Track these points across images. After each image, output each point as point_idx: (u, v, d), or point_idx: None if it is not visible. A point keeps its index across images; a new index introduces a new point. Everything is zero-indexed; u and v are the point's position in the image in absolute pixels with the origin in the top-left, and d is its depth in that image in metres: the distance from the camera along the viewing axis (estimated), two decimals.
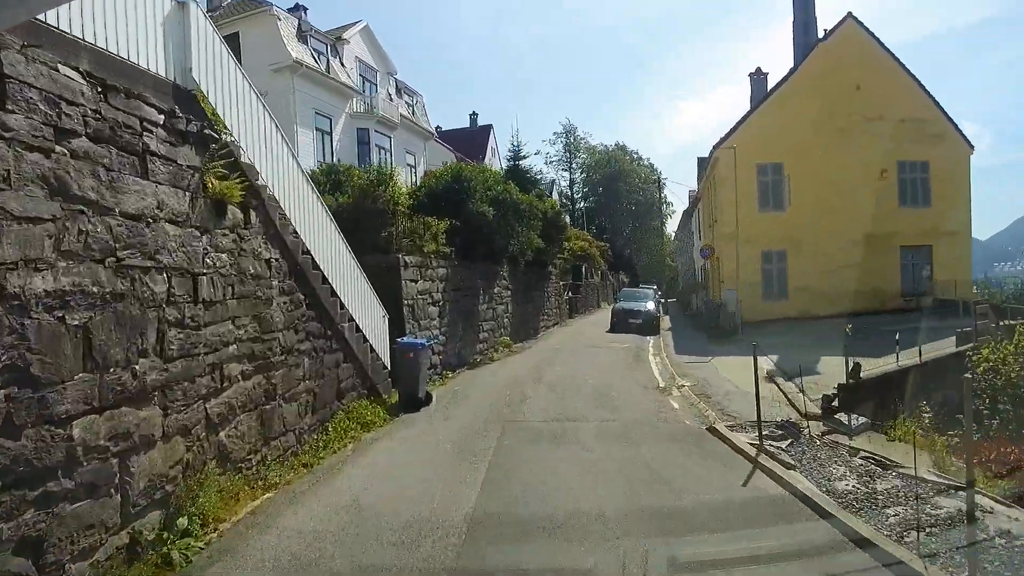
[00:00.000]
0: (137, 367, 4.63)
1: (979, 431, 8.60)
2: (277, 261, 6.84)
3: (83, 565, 3.90)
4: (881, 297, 20.48)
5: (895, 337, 11.83)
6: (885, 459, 6.65)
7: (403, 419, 8.89)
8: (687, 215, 41.77)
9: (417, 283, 12.29)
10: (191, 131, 5.62)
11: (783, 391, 9.94)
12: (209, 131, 5.90)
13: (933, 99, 22.13)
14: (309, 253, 7.71)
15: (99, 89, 4.67)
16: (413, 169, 26.91)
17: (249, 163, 6.53)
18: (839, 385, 8.93)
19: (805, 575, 4.27)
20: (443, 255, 13.59)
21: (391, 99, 26.29)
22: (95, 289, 4.34)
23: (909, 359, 11.15)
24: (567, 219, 30.74)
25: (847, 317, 17.28)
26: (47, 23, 4.39)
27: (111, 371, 4.39)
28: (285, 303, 6.97)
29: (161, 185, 5.15)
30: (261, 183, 6.70)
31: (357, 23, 25.28)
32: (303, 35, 21.33)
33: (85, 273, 4.28)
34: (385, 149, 24.26)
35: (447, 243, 13.69)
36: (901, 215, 21.62)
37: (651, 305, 24.48)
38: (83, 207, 4.35)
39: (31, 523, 3.53)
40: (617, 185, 54.31)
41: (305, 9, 24.20)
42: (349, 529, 4.90)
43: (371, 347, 9.49)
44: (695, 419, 8.88)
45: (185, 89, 5.85)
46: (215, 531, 4.91)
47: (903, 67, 22.03)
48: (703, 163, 32.24)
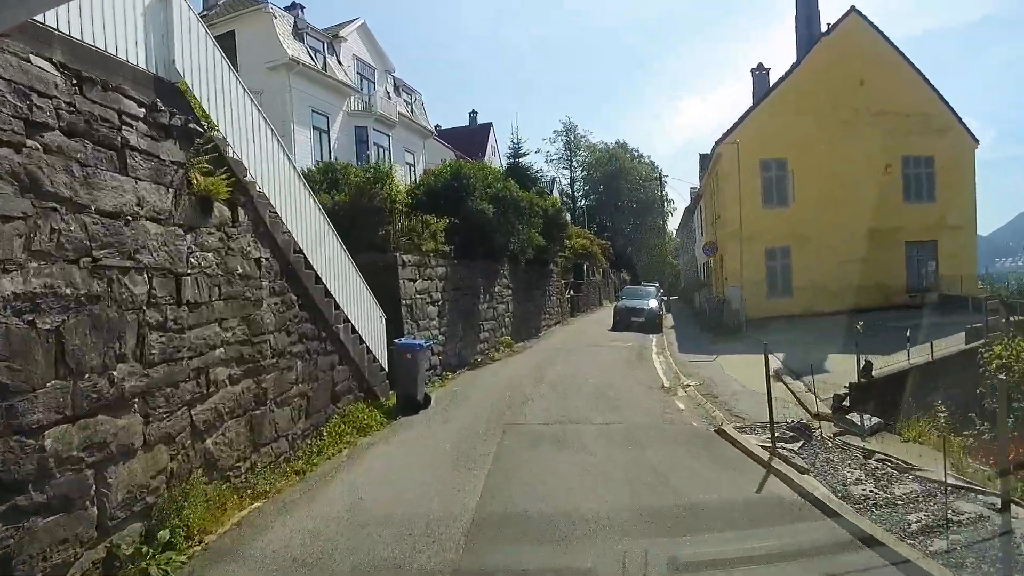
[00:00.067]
0: (115, 373, 4.40)
1: (992, 430, 8.39)
2: (267, 260, 6.60)
3: None
4: (886, 293, 20.25)
5: (902, 334, 11.57)
6: (902, 461, 6.40)
7: (401, 422, 8.63)
8: (689, 212, 41.52)
9: (416, 282, 12.05)
10: (174, 125, 5.40)
11: (792, 390, 9.67)
12: (194, 125, 5.68)
13: (938, 93, 21.89)
14: (302, 252, 7.46)
15: (74, 81, 4.49)
16: (412, 168, 26.65)
17: (237, 158, 6.28)
18: (850, 384, 8.65)
19: None
20: (442, 254, 13.33)
21: (389, 97, 26.03)
22: (68, 291, 4.15)
23: (920, 356, 10.88)
24: (568, 217, 30.48)
25: (852, 314, 17.00)
26: None
27: (86, 377, 4.19)
28: (276, 304, 6.73)
29: (141, 181, 4.92)
30: (249, 179, 6.46)
31: (354, 21, 25.04)
32: (299, 33, 21.08)
33: (58, 274, 4.11)
34: (384, 148, 24.00)
35: (446, 242, 13.43)
36: (905, 210, 21.42)
37: (653, 303, 24.24)
38: (56, 204, 4.17)
39: None
40: (618, 183, 54.05)
41: (302, 7, 23.99)
42: (340, 541, 4.65)
43: (368, 348, 9.24)
44: (702, 420, 8.62)
45: (168, 82, 5.61)
46: (200, 543, 4.68)
47: (907, 61, 21.77)
48: (705, 160, 31.97)
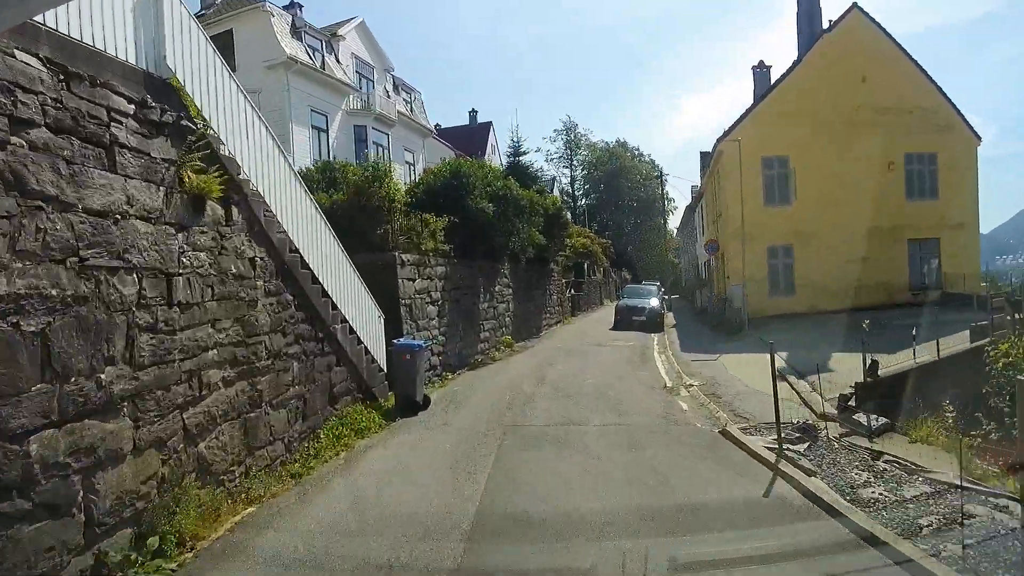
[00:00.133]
0: (103, 376, 4.28)
1: (1000, 430, 8.27)
2: (262, 260, 6.48)
3: None
4: (889, 291, 20.11)
5: (906, 332, 11.43)
6: (910, 463, 6.27)
7: (399, 424, 8.50)
8: (690, 210, 41.33)
9: (415, 282, 11.92)
10: (166, 122, 5.28)
11: (796, 390, 9.54)
12: (186, 122, 5.56)
13: (940, 89, 21.75)
14: (298, 251, 7.33)
15: (61, 77, 4.38)
16: (412, 167, 26.52)
17: (230, 156, 6.15)
18: (856, 384, 8.51)
19: None
20: (442, 253, 13.20)
21: (388, 96, 25.90)
22: (54, 292, 4.04)
23: (925, 355, 10.73)
24: (568, 216, 30.35)
25: (854, 312, 16.95)
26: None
27: (73, 381, 4.07)
28: (271, 304, 6.60)
29: (131, 179, 4.80)
30: (244, 177, 6.33)
31: (353, 19, 24.91)
32: (297, 32, 20.96)
33: (43, 275, 3.99)
34: (383, 147, 23.87)
35: (446, 241, 13.29)
36: (908, 208, 21.31)
37: (655, 302, 24.11)
38: (42, 203, 4.05)
39: None
40: (618, 182, 53.93)
41: (300, 6, 23.84)
42: (334, 548, 4.52)
43: (366, 349, 9.11)
44: (706, 421, 8.49)
45: (159, 78, 5.48)
46: (191, 550, 4.56)
47: (909, 57, 21.62)
48: (706, 158, 31.80)
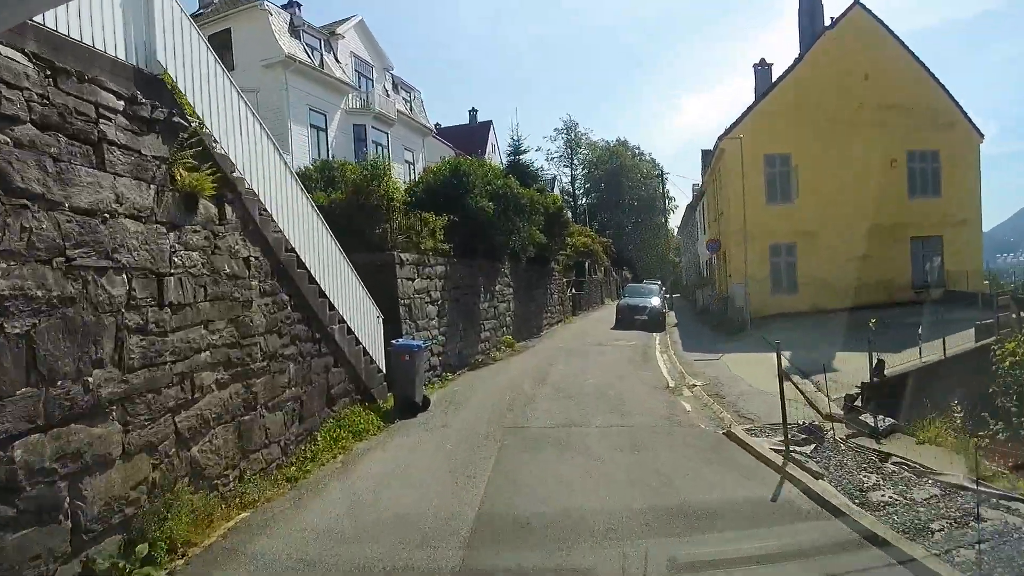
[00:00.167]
0: (90, 379, 4.17)
1: (1008, 430, 8.14)
2: (257, 259, 6.35)
3: None
4: (891, 289, 20.01)
5: (910, 331, 11.32)
6: (919, 465, 6.14)
7: (398, 426, 8.37)
8: (691, 209, 41.15)
9: (414, 281, 11.80)
10: (157, 119, 5.16)
11: (801, 390, 9.31)
12: (178, 119, 5.44)
13: (942, 86, 21.61)
14: (294, 251, 7.20)
15: (47, 72, 4.26)
16: (412, 166, 26.39)
17: (223, 154, 6.03)
18: (863, 384, 8.36)
19: None
20: (441, 252, 13.07)
21: (388, 95, 25.77)
22: (40, 293, 3.92)
23: (931, 354, 10.60)
24: (569, 215, 30.19)
25: (857, 311, 16.84)
26: None
27: (59, 384, 3.96)
28: (267, 305, 6.48)
29: (120, 177, 4.68)
30: (238, 175, 6.21)
31: (351, 18, 24.78)
32: (295, 30, 20.83)
33: (28, 275, 3.87)
34: (382, 146, 23.73)
35: (446, 240, 13.16)
36: (911, 205, 21.19)
37: (656, 301, 23.99)
38: (27, 201, 3.94)
39: None
40: (619, 181, 53.79)
41: (299, 5, 23.71)
42: (328, 557, 4.40)
43: (364, 350, 8.98)
44: (710, 422, 8.37)
45: (150, 74, 5.35)
46: (183, 557, 4.44)
47: (911, 54, 21.47)
48: (707, 156, 31.62)
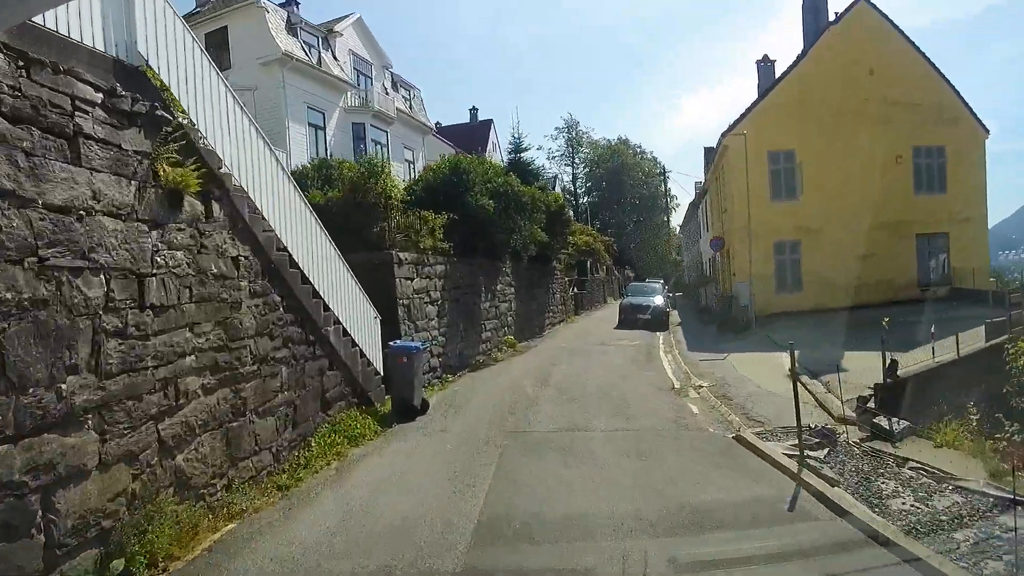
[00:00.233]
0: (64, 386, 3.92)
1: (1022, 431, 7.89)
2: (246, 259, 6.10)
3: None
4: (896, 287, 19.73)
5: (917, 329, 11.08)
6: (938, 470, 5.87)
7: (396, 430, 8.11)
8: (693, 207, 40.79)
9: (413, 281, 11.55)
10: (138, 112, 4.91)
11: (810, 391, 9.13)
12: (161, 112, 5.19)
13: (948, 81, 21.28)
14: (286, 250, 6.95)
15: (20, 63, 4.03)
16: (412, 165, 26.12)
17: (210, 148, 5.78)
18: (876, 385, 8.10)
19: None
20: (441, 251, 12.82)
21: (387, 93, 25.51)
22: (10, 295, 3.69)
23: (943, 353, 10.32)
24: (571, 214, 29.91)
25: (863, 309, 16.59)
26: None
27: (30, 392, 3.71)
28: (257, 306, 6.23)
29: (98, 172, 4.43)
30: (225, 171, 5.96)
31: (350, 15, 24.49)
32: (293, 28, 20.57)
33: None
34: (381, 144, 23.46)
35: (445, 238, 12.90)
36: (917, 202, 20.88)
37: (659, 300, 23.73)
38: None
39: None
40: (620, 179, 53.53)
41: (296, 3, 23.42)
42: (316, 573, 4.14)
43: (361, 352, 8.72)
44: (718, 425, 8.10)
45: (130, 65, 5.13)
46: (163, 572, 4.20)
47: (917, 49, 21.16)
48: (709, 153, 31.31)
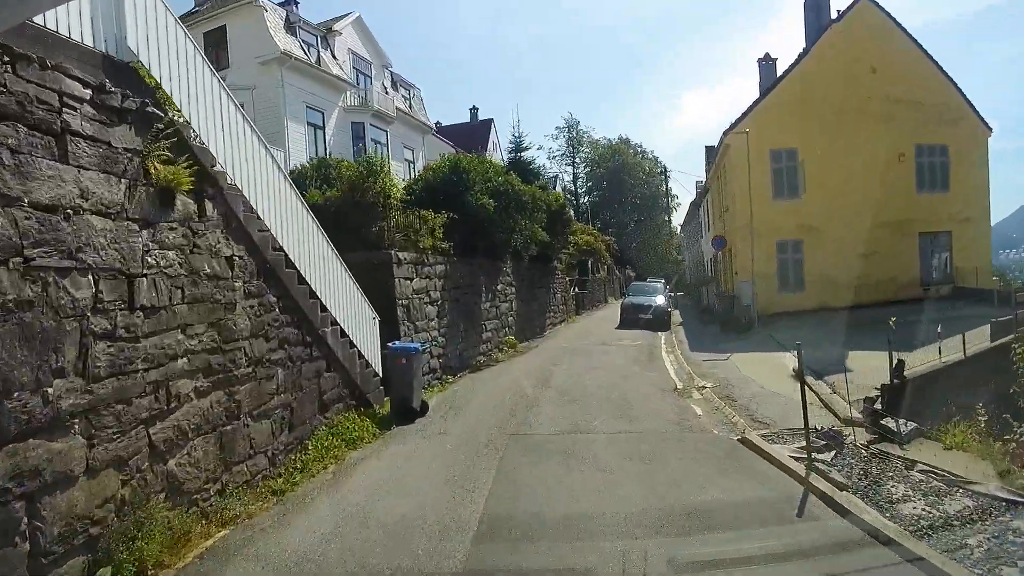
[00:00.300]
0: (50, 390, 3.81)
1: None
2: (241, 259, 5.98)
3: None
4: (899, 286, 19.59)
5: (921, 328, 10.96)
6: (948, 473, 5.74)
7: (394, 433, 7.99)
8: (695, 206, 40.67)
9: (412, 281, 11.43)
10: (128, 108, 4.79)
11: (815, 392, 8.99)
12: (152, 109, 5.07)
13: (951, 80, 21.15)
14: (282, 250, 6.84)
15: (5, 59, 3.93)
16: (412, 165, 26.01)
17: (204, 146, 5.66)
18: (882, 385, 7.96)
19: None
20: (441, 251, 12.70)
21: (387, 92, 25.40)
22: None
23: (949, 353, 10.19)
24: (572, 213, 29.78)
25: (865, 308, 16.49)
26: None
27: (15, 396, 3.60)
28: (252, 307, 6.11)
29: (86, 170, 4.32)
30: (219, 169, 5.85)
31: (349, 14, 24.38)
32: (291, 26, 20.46)
33: None
34: (381, 143, 23.34)
35: (445, 238, 12.78)
36: (919, 200, 20.76)
37: (661, 299, 23.61)
38: None
39: None
40: (621, 179, 53.39)
41: (295, 2, 23.31)
42: None
43: (359, 353, 8.60)
44: (723, 427, 7.97)
45: (120, 61, 5.01)
46: None
47: (920, 47, 21.03)
48: (711, 152, 31.20)
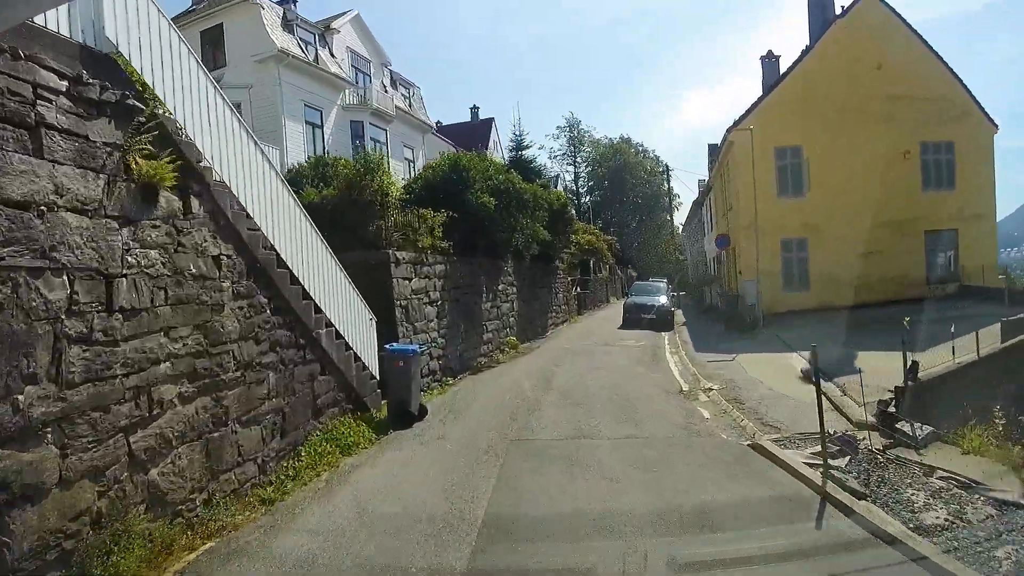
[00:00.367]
0: (20, 398, 3.58)
1: None
2: (229, 258, 5.75)
3: None
4: (905, 285, 19.30)
5: (928, 327, 10.68)
6: (968, 479, 5.50)
7: (391, 438, 7.75)
8: (697, 205, 40.36)
9: (411, 281, 11.19)
10: (107, 101, 4.56)
11: (826, 395, 8.72)
12: (133, 101, 4.84)
13: (956, 76, 20.87)
14: (273, 249, 6.60)
15: None
16: (411, 164, 25.77)
17: (189, 140, 5.43)
18: (896, 388, 7.71)
19: None
20: (441, 250, 12.46)
21: (386, 90, 25.16)
22: None
23: (962, 353, 9.91)
24: (573, 212, 29.54)
25: (871, 306, 16.24)
26: None
27: None
28: (241, 308, 5.88)
29: (61, 165, 4.09)
30: (205, 165, 5.61)
31: (347, 12, 24.15)
32: (289, 24, 20.24)
33: None
34: (380, 142, 23.09)
35: (445, 237, 12.54)
36: (924, 198, 20.49)
37: (664, 299, 23.38)
38: None
39: None
40: (622, 178, 53.20)
41: (293, 0, 23.12)
42: None
43: (355, 355, 8.36)
44: (732, 432, 7.72)
45: (99, 52, 4.79)
46: None
47: (924, 43, 20.75)
48: (713, 150, 30.90)
